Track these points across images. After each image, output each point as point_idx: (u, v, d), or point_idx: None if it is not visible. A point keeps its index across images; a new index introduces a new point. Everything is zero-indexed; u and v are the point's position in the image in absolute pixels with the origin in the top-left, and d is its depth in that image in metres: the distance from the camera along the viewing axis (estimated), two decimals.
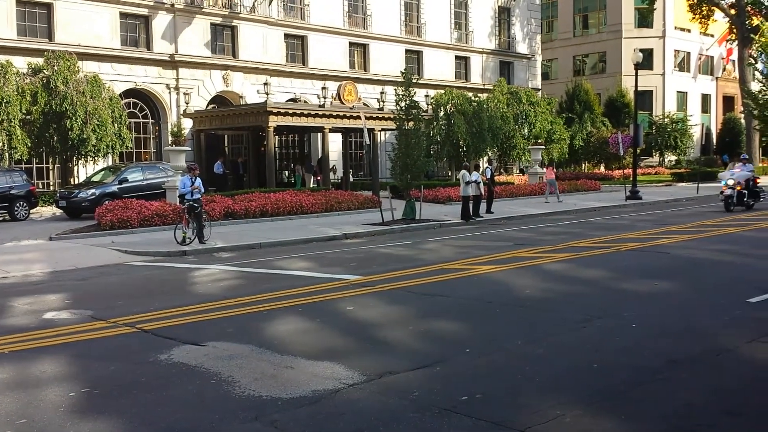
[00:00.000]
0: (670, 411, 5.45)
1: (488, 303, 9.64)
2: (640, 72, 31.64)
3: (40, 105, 25.53)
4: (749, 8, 49.75)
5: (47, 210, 25.80)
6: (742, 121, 54.36)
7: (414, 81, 22.10)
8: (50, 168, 29.85)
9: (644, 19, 55.43)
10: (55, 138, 26.16)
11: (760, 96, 42.98)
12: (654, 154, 51.34)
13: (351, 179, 36.03)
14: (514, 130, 38.24)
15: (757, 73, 47.07)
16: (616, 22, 55.53)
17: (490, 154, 37.79)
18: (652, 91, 54.80)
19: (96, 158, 27.16)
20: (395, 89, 21.97)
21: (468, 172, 22.26)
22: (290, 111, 29.08)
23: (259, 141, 32.63)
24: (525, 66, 49.68)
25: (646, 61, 46.30)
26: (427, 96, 35.08)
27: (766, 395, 5.86)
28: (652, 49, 54.12)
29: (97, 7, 30.25)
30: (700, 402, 5.67)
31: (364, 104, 34.24)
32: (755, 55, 48.83)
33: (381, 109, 31.84)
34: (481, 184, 22.87)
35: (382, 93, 32.89)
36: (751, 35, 46.32)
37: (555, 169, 31.93)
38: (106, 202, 21.71)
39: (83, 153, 26.36)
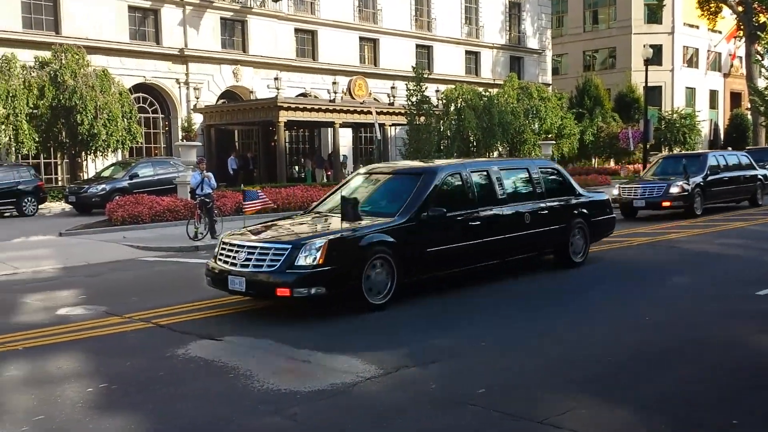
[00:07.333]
0: (680, 401, 5.51)
1: (497, 296, 9.62)
2: (649, 68, 31.49)
3: (47, 99, 25.25)
4: (756, 5, 49.45)
5: (56, 206, 25.81)
6: (749, 117, 54.14)
7: (424, 76, 22.05)
8: (58, 163, 29.87)
9: (653, 15, 55.18)
10: (64, 133, 26.05)
11: (766, 93, 42.79)
12: (663, 149, 51.12)
13: None
14: (525, 125, 38.09)
15: (763, 69, 46.83)
16: (625, 17, 55.27)
17: (500, 149, 37.70)
18: (661, 86, 54.57)
19: (105, 153, 27.12)
20: (406, 84, 21.97)
21: None
22: (301, 106, 29.12)
23: (270, 136, 32.66)
24: (535, 61, 49.50)
25: (655, 57, 46.03)
26: (437, 91, 34.99)
27: None
28: (661, 45, 53.86)
29: None
30: (706, 392, 5.72)
31: (375, 99, 34.20)
32: (762, 52, 48.56)
33: (391, 104, 31.80)
34: None
35: (392, 88, 32.87)
36: (758, 32, 46.05)
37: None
38: (117, 197, 21.67)
39: (93, 148, 26.26)
